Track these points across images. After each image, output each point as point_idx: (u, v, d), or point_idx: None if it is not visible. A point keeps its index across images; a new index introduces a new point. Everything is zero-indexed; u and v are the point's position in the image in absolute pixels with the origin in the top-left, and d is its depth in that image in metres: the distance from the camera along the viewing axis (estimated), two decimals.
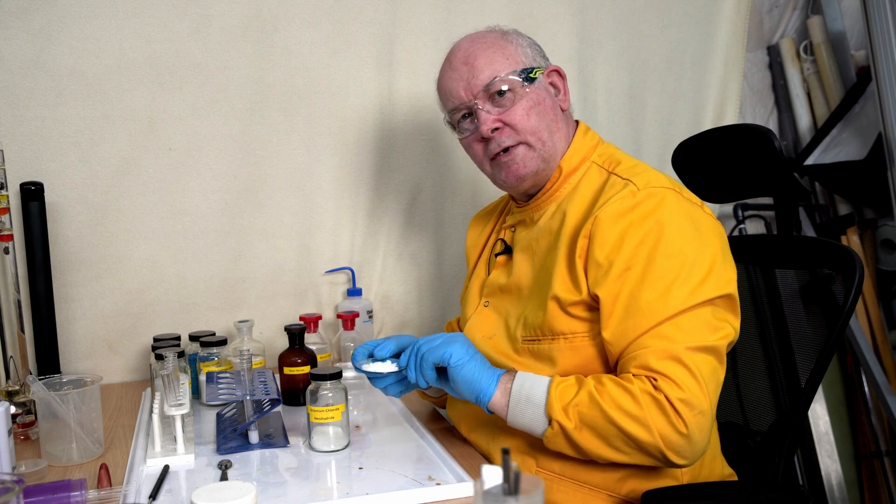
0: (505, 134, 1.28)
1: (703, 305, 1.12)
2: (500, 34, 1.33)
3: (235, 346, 1.61)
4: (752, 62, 2.32)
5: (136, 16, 1.71)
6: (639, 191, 1.17)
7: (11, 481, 0.90)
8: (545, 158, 1.29)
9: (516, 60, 1.29)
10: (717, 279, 1.14)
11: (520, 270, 1.32)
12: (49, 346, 1.61)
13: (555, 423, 1.10)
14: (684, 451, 1.08)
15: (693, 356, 1.08)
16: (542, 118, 1.28)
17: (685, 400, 1.06)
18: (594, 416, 1.09)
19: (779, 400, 1.48)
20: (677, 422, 1.06)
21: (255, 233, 1.84)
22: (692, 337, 1.09)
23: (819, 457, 2.15)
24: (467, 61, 1.30)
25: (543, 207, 1.32)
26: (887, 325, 2.25)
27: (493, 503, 0.75)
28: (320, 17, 1.83)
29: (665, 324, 1.10)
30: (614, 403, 1.08)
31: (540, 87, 1.30)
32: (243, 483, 1.03)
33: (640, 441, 1.07)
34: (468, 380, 1.15)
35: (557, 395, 1.11)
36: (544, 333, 1.22)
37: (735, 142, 1.46)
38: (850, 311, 1.27)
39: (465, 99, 1.30)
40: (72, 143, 1.70)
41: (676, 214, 1.16)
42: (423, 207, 1.96)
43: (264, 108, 1.82)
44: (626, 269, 1.13)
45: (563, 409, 1.10)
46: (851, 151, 2.16)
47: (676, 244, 1.13)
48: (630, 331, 1.12)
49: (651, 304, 1.11)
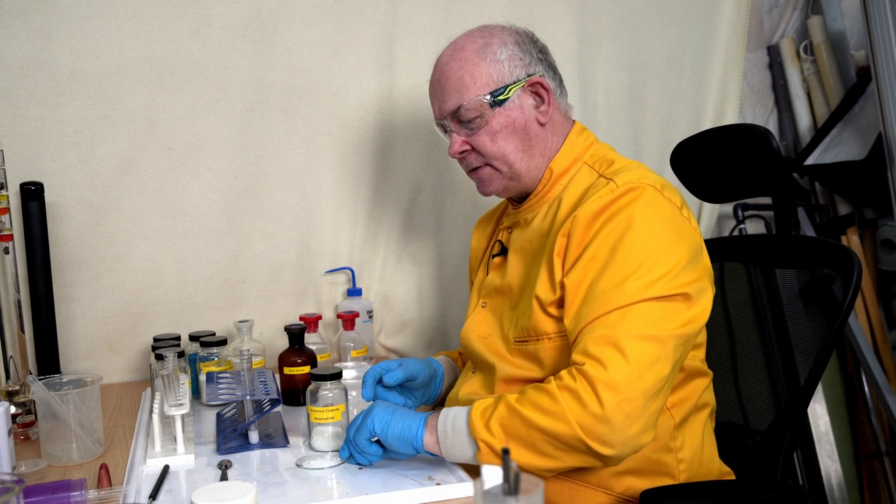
0: (472, 157, 1.32)
1: (657, 300, 1.10)
2: (478, 48, 1.28)
3: (235, 346, 1.61)
4: (752, 62, 2.32)
5: (136, 16, 1.71)
6: (617, 188, 1.17)
7: (11, 481, 0.90)
8: (512, 177, 1.31)
9: (486, 81, 1.27)
10: (675, 278, 1.12)
11: (513, 271, 1.32)
12: (49, 346, 1.61)
13: (480, 443, 1.09)
14: (606, 437, 1.03)
15: (633, 343, 1.06)
16: (510, 140, 1.28)
17: (608, 382, 1.03)
18: (515, 425, 1.08)
19: (778, 399, 1.48)
20: (593, 403, 1.03)
21: (255, 233, 1.85)
22: (637, 326, 1.08)
23: (819, 456, 2.15)
24: (440, 81, 1.31)
25: (536, 209, 1.33)
26: (887, 325, 2.25)
27: (493, 503, 0.75)
28: (320, 17, 1.83)
29: (613, 312, 1.09)
30: (532, 406, 1.07)
31: (512, 106, 1.28)
32: (243, 483, 1.03)
33: (561, 436, 1.05)
34: (399, 435, 1.14)
35: (478, 415, 1.10)
36: (530, 334, 1.22)
37: (733, 142, 1.46)
38: (849, 310, 1.27)
39: (439, 117, 1.33)
40: (72, 143, 1.70)
41: (650, 210, 1.15)
42: (423, 207, 1.96)
43: (264, 108, 1.82)
44: (592, 258, 1.14)
45: (486, 427, 1.09)
46: (851, 151, 2.16)
47: (641, 239, 1.13)
48: (583, 317, 1.12)
49: (605, 293, 1.11)
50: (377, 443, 1.16)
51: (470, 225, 1.96)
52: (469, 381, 1.35)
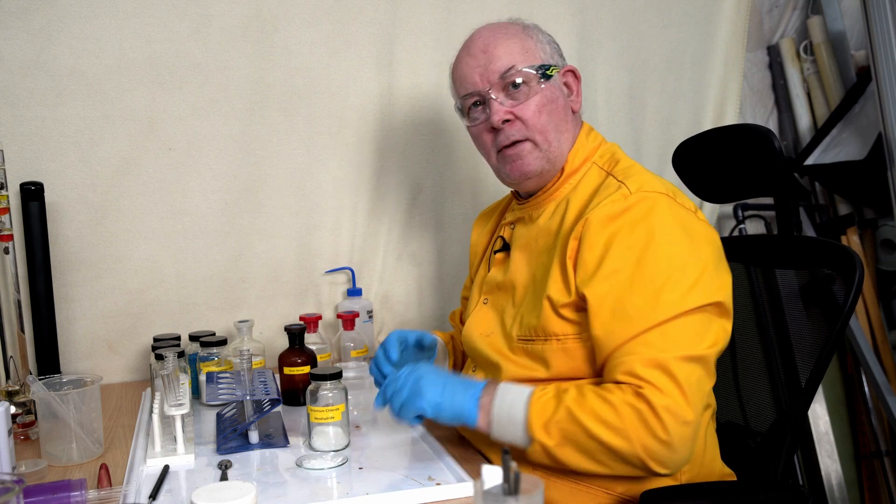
0: (515, 127, 1.28)
1: (692, 313, 1.11)
2: (522, 27, 1.33)
3: (235, 346, 1.61)
4: (752, 62, 2.32)
5: (136, 16, 1.71)
6: (630, 194, 1.17)
7: (11, 481, 0.90)
8: (549, 159, 1.29)
9: (535, 55, 1.29)
10: (706, 286, 1.13)
11: (516, 268, 1.32)
12: (49, 346, 1.61)
13: (536, 442, 1.10)
14: (666, 460, 1.07)
15: (680, 366, 1.07)
16: (552, 117, 1.28)
17: (668, 408, 1.05)
18: (575, 432, 1.08)
19: (779, 400, 1.48)
20: (659, 429, 1.05)
21: (255, 233, 1.84)
22: (680, 346, 1.08)
23: (819, 457, 2.15)
24: (486, 49, 1.29)
25: (543, 206, 1.32)
26: (887, 325, 2.25)
27: (493, 503, 0.75)
28: (320, 17, 1.83)
29: (653, 330, 1.09)
30: (594, 416, 1.07)
31: (554, 85, 1.30)
32: (243, 483, 1.03)
33: (622, 452, 1.07)
34: (451, 417, 1.15)
35: (537, 412, 1.10)
36: (538, 334, 1.22)
37: (735, 142, 1.45)
38: (850, 311, 1.27)
39: (480, 86, 1.29)
40: (72, 143, 1.70)
41: (667, 220, 1.15)
42: (423, 207, 1.96)
43: (264, 108, 1.82)
44: (614, 271, 1.13)
45: (544, 427, 1.09)
46: (851, 151, 2.16)
47: (666, 249, 1.13)
48: (617, 334, 1.11)
49: (639, 309, 1.10)
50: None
51: (470, 225, 1.96)
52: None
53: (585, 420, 1.07)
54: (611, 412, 1.06)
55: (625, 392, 1.07)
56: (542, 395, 1.12)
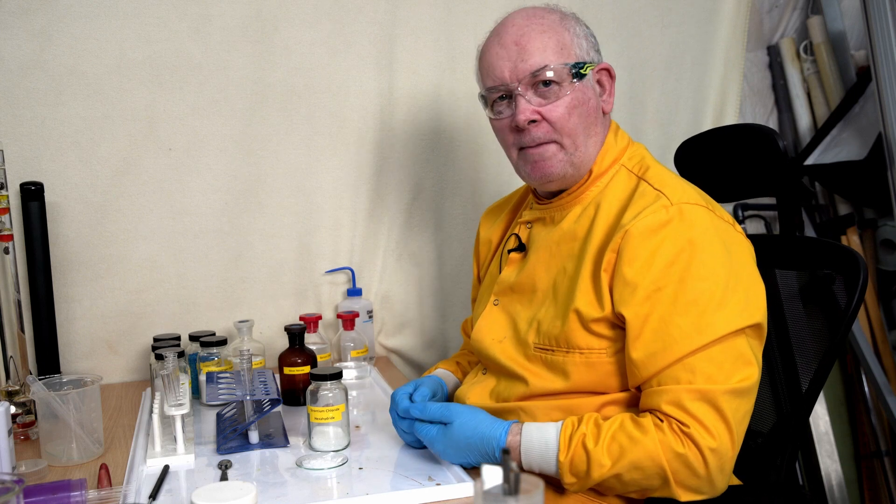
0: (542, 129, 1.21)
1: (736, 335, 1.08)
2: (560, 17, 1.24)
3: (235, 346, 1.61)
4: (752, 62, 2.31)
5: (136, 16, 1.71)
6: (671, 206, 1.12)
7: (11, 481, 0.90)
8: (574, 164, 1.23)
9: (570, 52, 1.21)
10: (748, 305, 1.10)
11: (534, 271, 1.26)
12: (49, 346, 1.61)
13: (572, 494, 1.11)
14: (702, 490, 1.07)
15: (729, 401, 1.05)
16: (582, 119, 1.21)
17: (715, 449, 1.04)
18: (612, 484, 1.08)
19: (779, 401, 1.48)
20: (702, 470, 1.04)
21: (255, 233, 1.84)
22: (726, 375, 1.06)
23: (819, 457, 2.15)
24: (519, 41, 1.21)
25: (567, 208, 1.26)
26: (887, 325, 2.25)
27: (493, 503, 0.75)
28: (320, 17, 1.83)
29: (698, 354, 1.06)
30: (634, 467, 1.05)
31: (587, 84, 1.23)
32: (243, 483, 1.04)
33: (656, 490, 1.07)
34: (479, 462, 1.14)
35: (567, 471, 1.08)
36: (559, 345, 1.17)
37: (739, 142, 1.45)
38: (855, 312, 1.26)
39: (508, 81, 1.22)
40: (72, 143, 1.70)
41: (709, 234, 1.11)
42: (423, 207, 1.96)
43: (264, 108, 1.82)
44: (657, 289, 1.09)
45: (580, 484, 1.09)
46: (851, 151, 2.16)
47: (709, 266, 1.09)
48: (660, 357, 1.07)
49: (683, 331, 1.07)
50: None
51: (470, 225, 1.96)
52: (481, 383, 1.30)
53: (625, 474, 1.06)
54: (650, 462, 1.05)
55: (666, 433, 1.05)
56: (570, 458, 1.08)
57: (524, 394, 1.21)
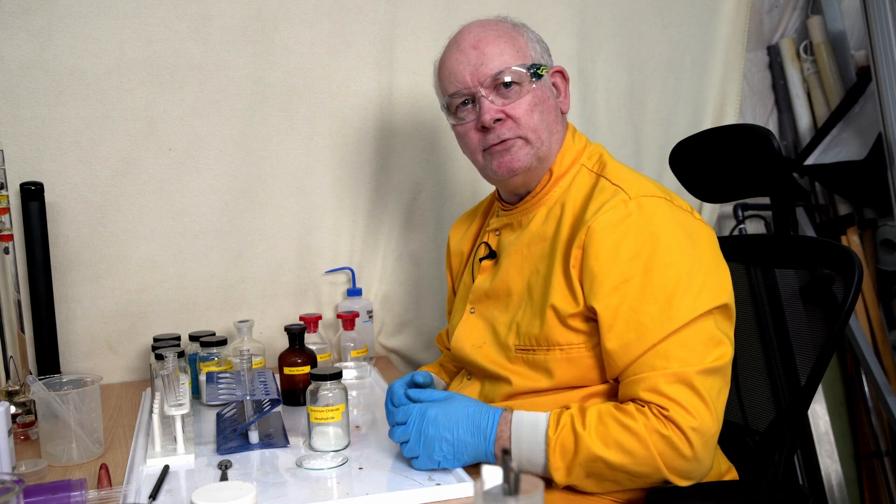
0: (506, 126, 1.25)
1: (704, 317, 1.11)
2: (512, 25, 1.30)
3: (235, 346, 1.61)
4: (752, 62, 2.32)
5: (136, 16, 1.71)
6: (630, 200, 1.16)
7: (11, 481, 0.90)
8: (540, 157, 1.27)
9: (526, 55, 1.27)
10: (713, 288, 1.13)
11: (508, 276, 1.29)
12: (49, 346, 1.61)
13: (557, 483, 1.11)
14: (691, 473, 1.09)
15: (703, 380, 1.08)
16: (543, 117, 1.26)
17: (696, 428, 1.05)
18: (599, 469, 1.08)
19: (778, 399, 1.48)
20: (687, 450, 1.05)
21: (255, 233, 1.84)
22: (699, 357, 1.09)
23: (819, 457, 2.15)
24: (477, 46, 1.26)
25: (533, 211, 1.30)
26: (887, 325, 2.25)
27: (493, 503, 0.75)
28: (320, 17, 1.83)
29: (670, 340, 1.09)
30: (619, 448, 1.07)
31: (545, 85, 1.28)
32: (243, 483, 1.04)
33: (649, 477, 1.08)
34: (471, 461, 1.15)
35: (558, 456, 1.09)
36: (539, 343, 1.20)
37: (733, 142, 1.45)
38: (850, 311, 1.27)
39: (470, 85, 1.26)
40: (72, 143, 1.70)
41: (669, 223, 1.15)
42: (423, 207, 1.96)
43: (264, 108, 1.82)
44: (624, 280, 1.12)
45: (567, 471, 1.09)
46: (851, 151, 2.16)
47: (672, 254, 1.13)
48: (634, 346, 1.11)
49: (654, 318, 1.10)
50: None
51: None
52: (466, 388, 1.32)
53: (610, 456, 1.07)
54: (636, 443, 1.06)
55: (649, 417, 1.07)
56: (559, 435, 1.10)
57: (509, 393, 1.24)
